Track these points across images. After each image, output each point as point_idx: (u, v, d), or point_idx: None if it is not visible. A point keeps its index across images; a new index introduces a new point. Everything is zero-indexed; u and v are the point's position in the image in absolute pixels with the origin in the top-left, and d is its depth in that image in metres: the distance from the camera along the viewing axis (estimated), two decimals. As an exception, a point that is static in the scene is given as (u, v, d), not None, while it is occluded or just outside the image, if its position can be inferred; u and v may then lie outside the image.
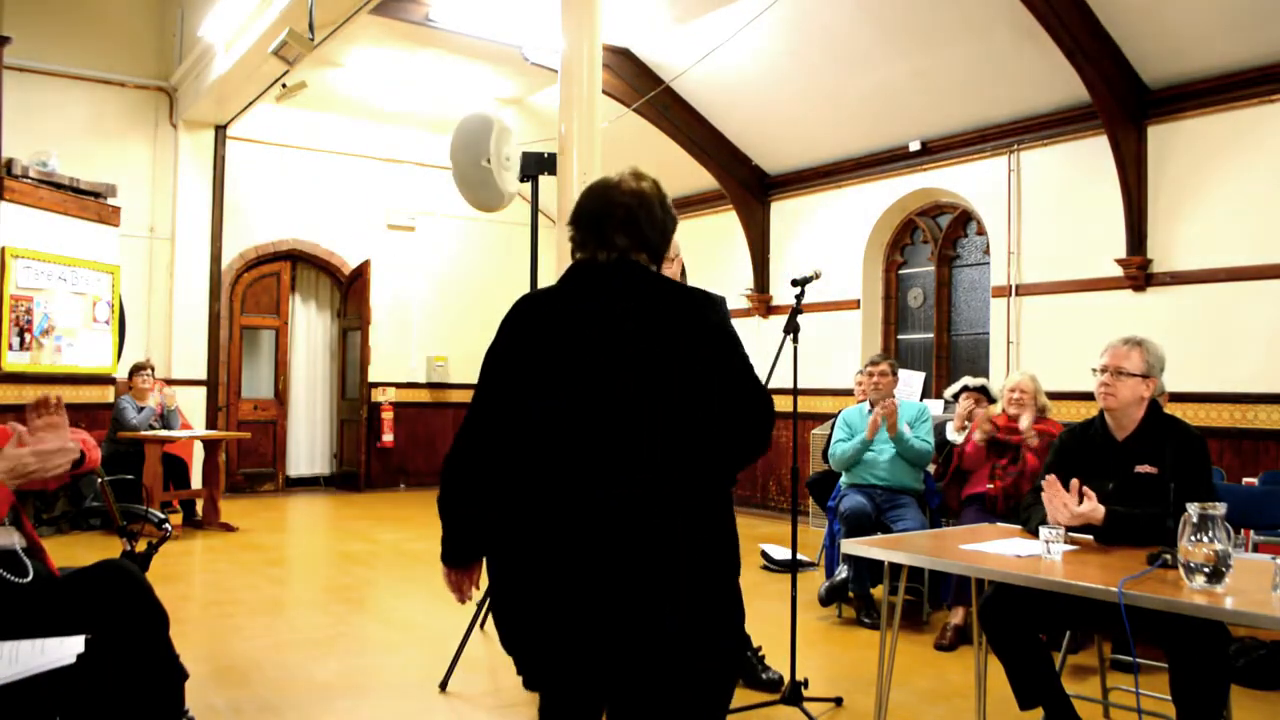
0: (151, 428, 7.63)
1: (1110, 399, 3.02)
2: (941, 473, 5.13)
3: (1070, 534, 2.81)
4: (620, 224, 1.99)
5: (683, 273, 9.98)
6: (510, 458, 1.91)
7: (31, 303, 7.45)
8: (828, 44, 7.36)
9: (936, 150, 7.80)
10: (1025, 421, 4.69)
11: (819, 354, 8.24)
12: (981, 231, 7.79)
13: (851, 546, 3.07)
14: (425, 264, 11.15)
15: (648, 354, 1.87)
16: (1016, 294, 7.22)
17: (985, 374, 7.40)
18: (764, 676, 3.82)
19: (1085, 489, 2.84)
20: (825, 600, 5.01)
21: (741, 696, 3.71)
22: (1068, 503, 2.81)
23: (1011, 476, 4.64)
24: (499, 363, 1.96)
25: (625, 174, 2.06)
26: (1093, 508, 2.80)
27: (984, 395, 5.64)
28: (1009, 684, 2.90)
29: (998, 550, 2.83)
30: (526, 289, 4.57)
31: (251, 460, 10.31)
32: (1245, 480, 5.47)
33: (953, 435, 5.10)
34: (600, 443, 1.85)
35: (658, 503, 1.83)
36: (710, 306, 1.96)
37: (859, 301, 8.47)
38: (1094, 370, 3.07)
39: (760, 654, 3.91)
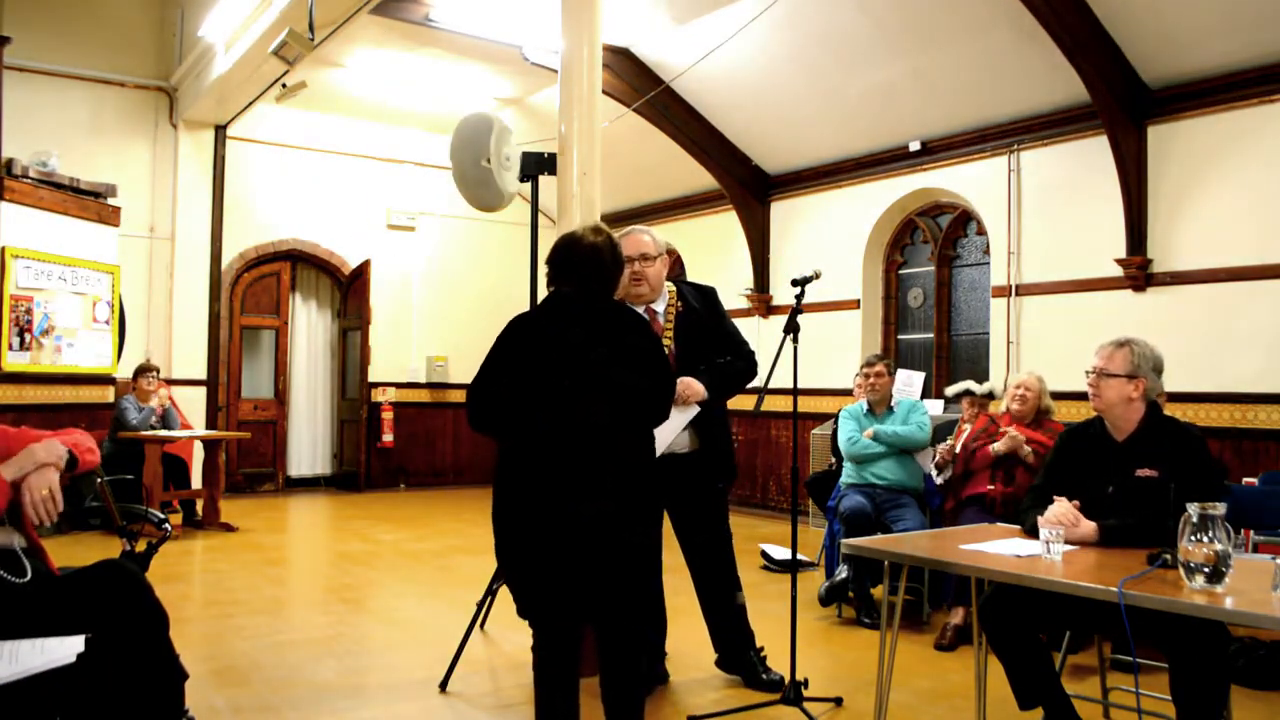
0: (152, 428, 7.63)
1: (1096, 400, 3.04)
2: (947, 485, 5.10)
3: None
4: (580, 265, 2.79)
5: (681, 267, 10.02)
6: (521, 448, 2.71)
7: (31, 303, 7.45)
8: (827, 44, 7.36)
9: (936, 150, 7.80)
10: (1023, 445, 4.65)
11: (819, 354, 8.24)
12: (981, 231, 7.79)
13: (851, 546, 3.07)
14: (425, 264, 11.15)
15: (609, 378, 2.68)
16: (1016, 294, 7.22)
17: (985, 374, 7.40)
18: (764, 677, 3.81)
19: (1075, 503, 2.86)
20: (825, 600, 5.01)
21: (742, 696, 3.72)
22: (1062, 519, 2.82)
23: (1013, 488, 4.64)
24: (499, 366, 2.72)
25: (586, 229, 2.87)
26: (1084, 532, 2.81)
27: (989, 399, 5.65)
28: (1009, 684, 2.90)
29: (998, 550, 2.83)
30: (526, 289, 4.59)
31: (251, 460, 10.31)
32: (1245, 480, 5.46)
33: (938, 476, 5.10)
34: (575, 464, 2.63)
35: (618, 517, 2.65)
36: (640, 321, 2.85)
37: (859, 301, 8.47)
38: (1086, 372, 3.09)
39: (762, 654, 3.91)
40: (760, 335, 9.03)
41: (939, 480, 5.05)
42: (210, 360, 9.73)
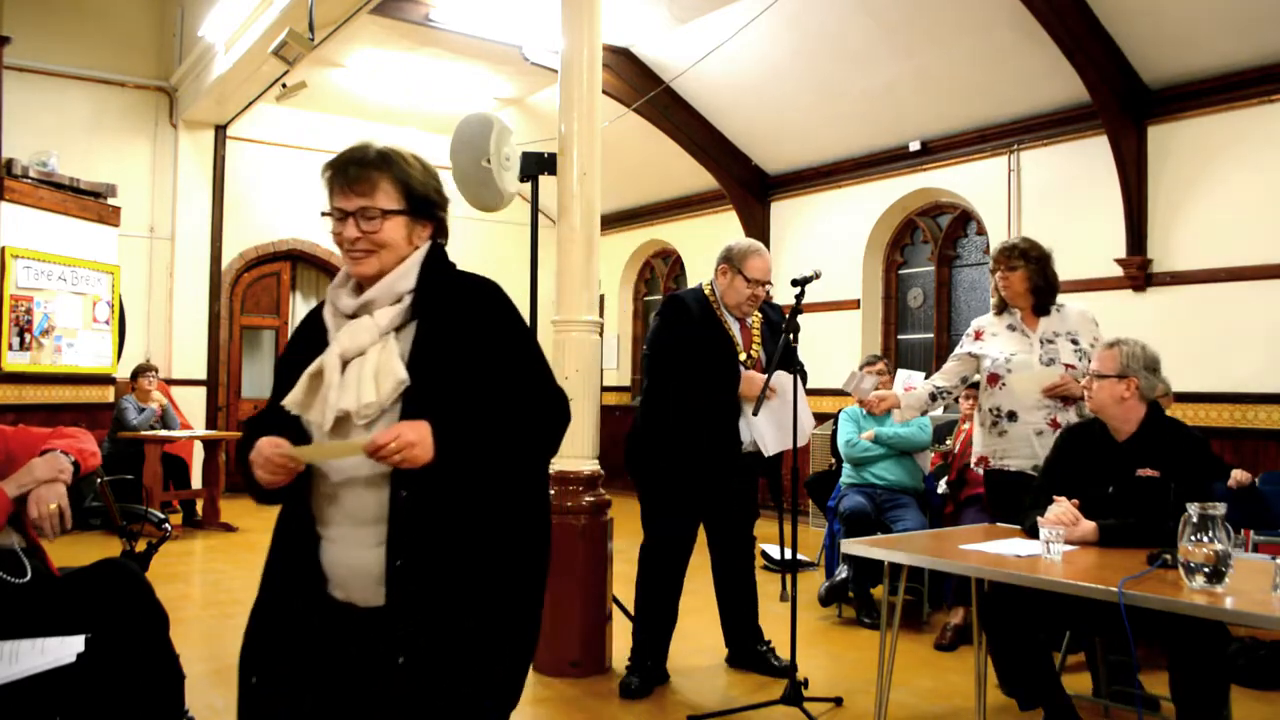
0: (152, 428, 7.63)
1: (1090, 401, 3.09)
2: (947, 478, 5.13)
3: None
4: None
5: (681, 267, 9.99)
6: None
7: (31, 303, 7.45)
8: (828, 44, 7.35)
9: (936, 150, 7.80)
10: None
11: (819, 354, 8.23)
12: (981, 231, 7.79)
13: (851, 546, 3.08)
14: (425, 264, 11.13)
15: None
16: (1016, 294, 7.21)
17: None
18: (775, 664, 3.96)
19: (1074, 501, 2.87)
20: (825, 600, 5.02)
21: (742, 696, 3.72)
22: (1062, 519, 2.83)
23: None
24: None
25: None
26: (1084, 532, 2.82)
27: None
28: (1010, 684, 2.90)
29: (998, 550, 2.83)
30: (526, 289, 4.58)
31: (251, 460, 10.29)
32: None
33: (943, 487, 5.14)
34: None
35: None
36: None
37: (859, 301, 8.47)
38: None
39: (770, 645, 4.06)
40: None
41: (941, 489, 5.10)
42: (210, 360, 9.73)
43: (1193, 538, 2.30)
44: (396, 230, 1.84)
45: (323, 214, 1.86)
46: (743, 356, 3.81)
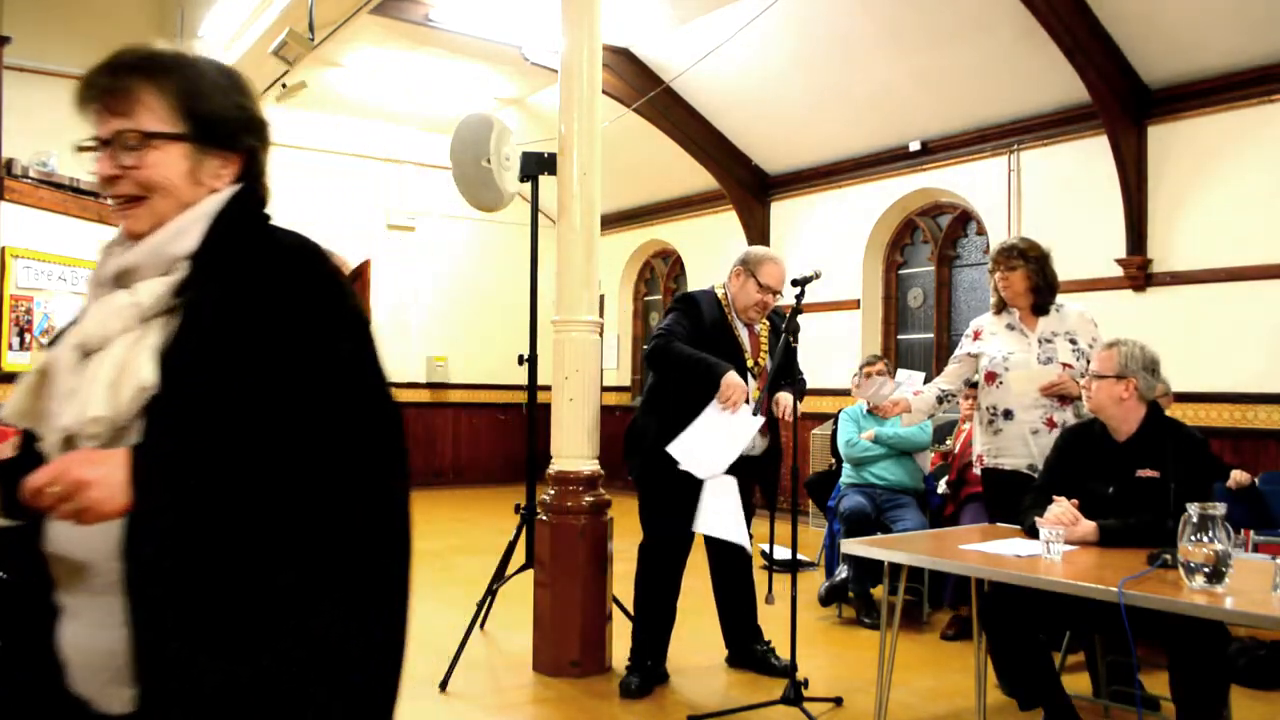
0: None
1: (1089, 402, 3.10)
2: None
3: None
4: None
5: (681, 268, 9.98)
6: None
7: (31, 303, 7.45)
8: (828, 44, 7.35)
9: (936, 150, 7.80)
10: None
11: (819, 354, 8.24)
12: (981, 231, 7.79)
13: (851, 546, 3.08)
14: (425, 264, 11.15)
15: None
16: (1016, 294, 7.21)
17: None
18: (775, 664, 3.96)
19: (1074, 501, 2.88)
20: (825, 600, 5.02)
21: (742, 696, 3.72)
22: (1062, 519, 2.84)
23: None
24: None
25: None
26: (1084, 532, 2.82)
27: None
28: (1010, 684, 2.90)
29: (998, 550, 2.83)
30: (526, 289, 4.59)
31: (251, 460, 10.30)
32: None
33: (943, 487, 5.15)
34: None
35: None
36: None
37: (859, 301, 8.47)
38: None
39: (770, 645, 4.06)
40: (760, 335, 9.02)
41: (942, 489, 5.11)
42: (210, 360, 9.72)
43: (1193, 538, 2.30)
44: (171, 164, 1.31)
45: (78, 148, 1.31)
46: (750, 364, 3.82)
